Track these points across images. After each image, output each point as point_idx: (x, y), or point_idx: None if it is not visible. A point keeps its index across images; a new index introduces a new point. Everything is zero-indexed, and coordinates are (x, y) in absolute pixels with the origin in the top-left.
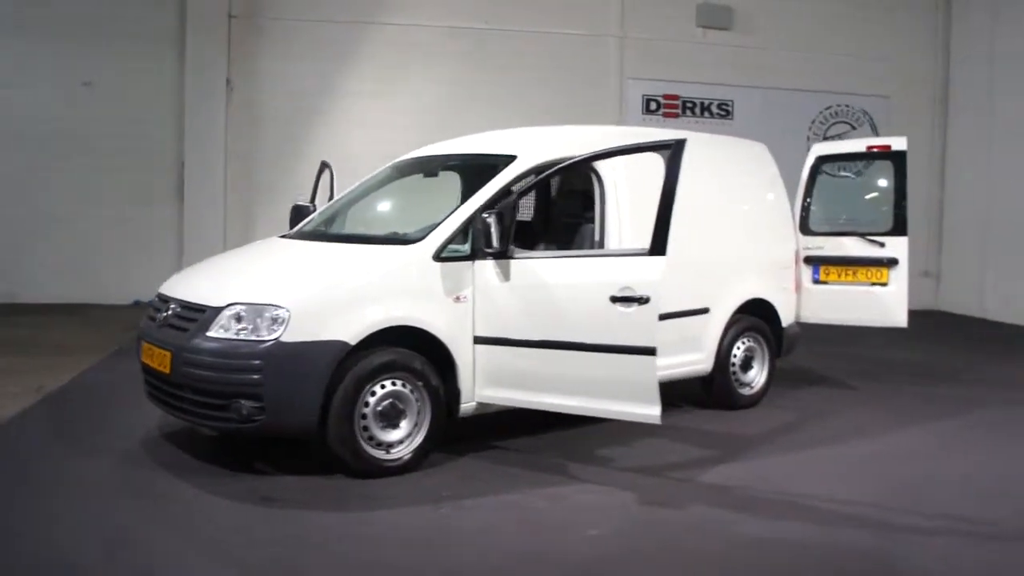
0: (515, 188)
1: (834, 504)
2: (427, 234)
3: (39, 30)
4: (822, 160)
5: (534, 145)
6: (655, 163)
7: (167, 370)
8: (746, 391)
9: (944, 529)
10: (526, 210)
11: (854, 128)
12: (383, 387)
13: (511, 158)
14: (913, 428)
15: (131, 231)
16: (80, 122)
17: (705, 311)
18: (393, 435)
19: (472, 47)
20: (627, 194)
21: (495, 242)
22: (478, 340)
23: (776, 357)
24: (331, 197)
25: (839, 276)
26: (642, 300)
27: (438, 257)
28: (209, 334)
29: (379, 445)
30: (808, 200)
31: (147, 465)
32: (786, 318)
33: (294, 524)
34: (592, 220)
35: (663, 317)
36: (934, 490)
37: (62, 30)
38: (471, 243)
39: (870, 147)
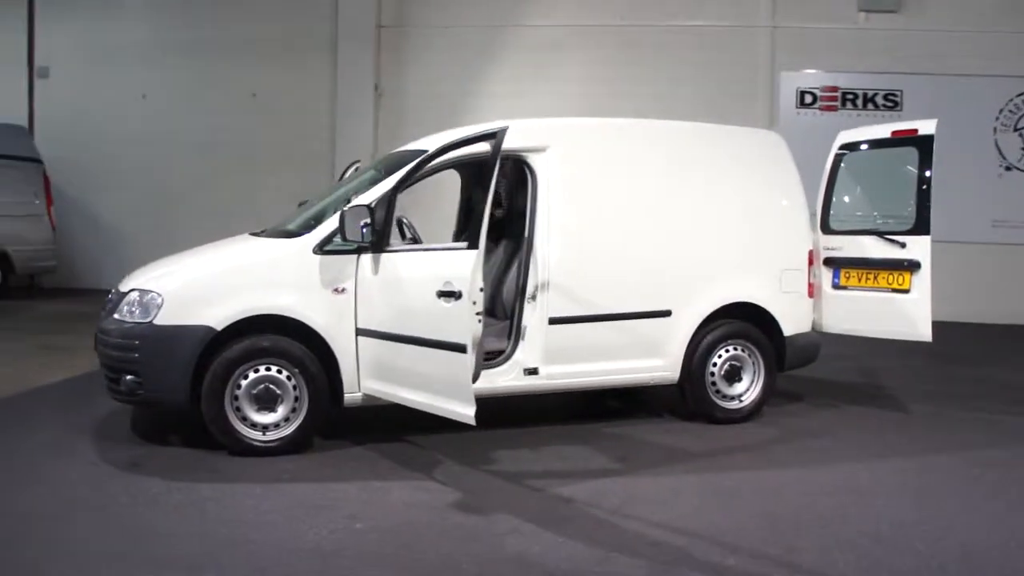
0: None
1: (655, 531)
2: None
3: (212, 48)
4: (846, 149)
5: (441, 142)
6: (610, 159)
7: (95, 348)
8: (732, 404)
9: (733, 570)
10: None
11: None
12: (256, 371)
13: (422, 153)
14: (891, 461)
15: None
16: (245, 130)
17: (666, 313)
18: (269, 418)
19: (612, 44)
20: (562, 190)
21: (357, 236)
22: (360, 332)
23: (777, 370)
24: None
25: (859, 281)
26: (457, 295)
27: (320, 250)
28: (115, 316)
29: (254, 426)
30: (830, 194)
31: (86, 431)
32: (790, 326)
33: (125, 487)
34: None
35: (603, 318)
36: (792, 530)
37: (231, 47)
38: None
39: (895, 132)
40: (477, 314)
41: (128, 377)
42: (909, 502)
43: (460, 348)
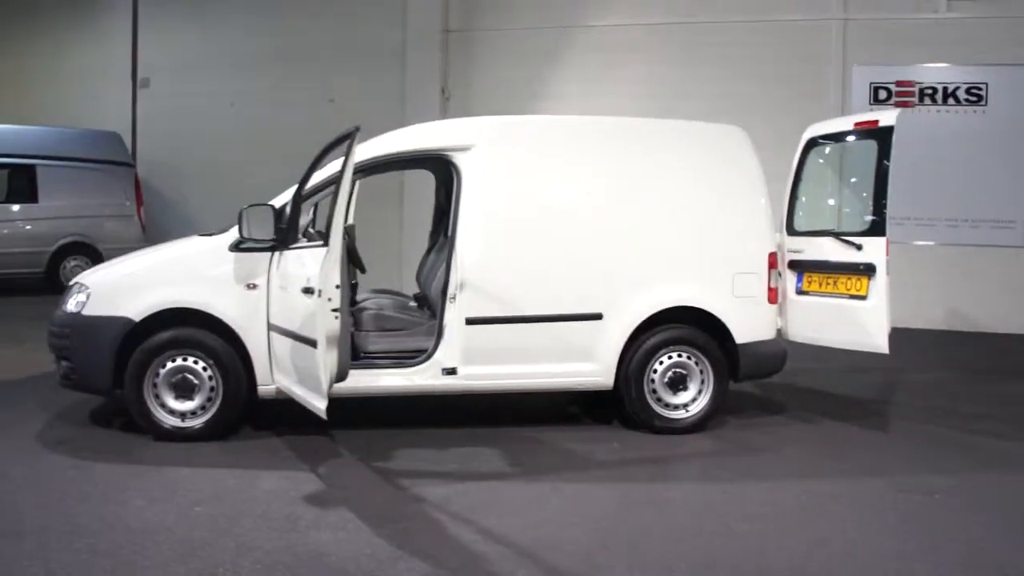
0: None
1: (474, 538)
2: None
3: (294, 56)
4: (812, 144)
5: (370, 144)
6: (538, 157)
7: None
8: (676, 414)
9: None
10: None
11: None
12: (174, 361)
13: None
14: (817, 481)
15: (360, 232)
16: (324, 134)
17: (596, 316)
18: (186, 406)
19: (679, 42)
20: (485, 189)
21: (255, 234)
22: (270, 327)
23: (730, 379)
24: None
25: (820, 286)
26: (313, 291)
27: (236, 247)
28: (61, 307)
29: (172, 413)
30: (796, 193)
31: (50, 411)
32: (745, 333)
33: (33, 463)
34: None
35: (524, 320)
36: (622, 548)
37: (311, 54)
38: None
39: (857, 124)
40: (334, 310)
41: (64, 363)
42: (789, 528)
43: (313, 343)
